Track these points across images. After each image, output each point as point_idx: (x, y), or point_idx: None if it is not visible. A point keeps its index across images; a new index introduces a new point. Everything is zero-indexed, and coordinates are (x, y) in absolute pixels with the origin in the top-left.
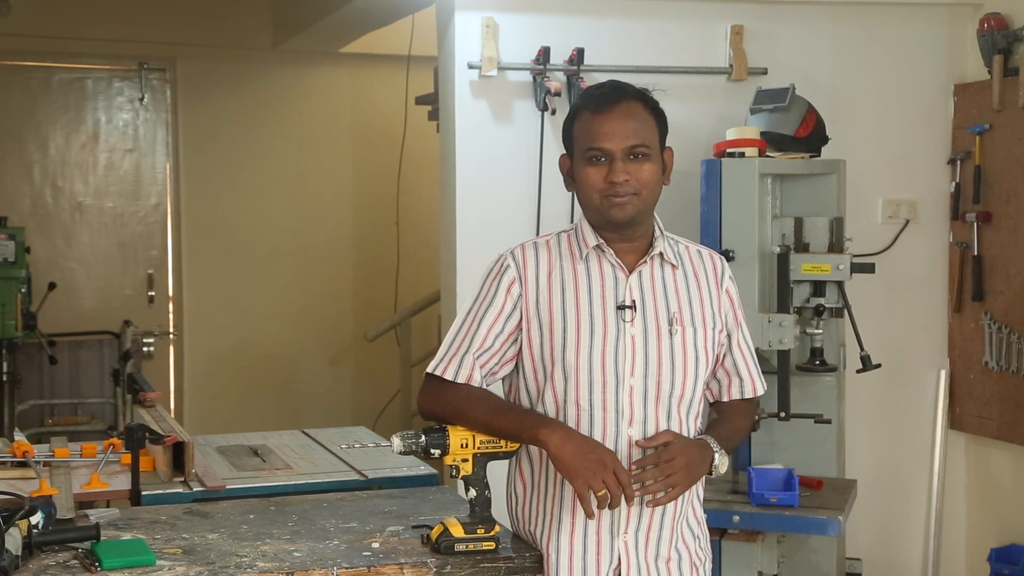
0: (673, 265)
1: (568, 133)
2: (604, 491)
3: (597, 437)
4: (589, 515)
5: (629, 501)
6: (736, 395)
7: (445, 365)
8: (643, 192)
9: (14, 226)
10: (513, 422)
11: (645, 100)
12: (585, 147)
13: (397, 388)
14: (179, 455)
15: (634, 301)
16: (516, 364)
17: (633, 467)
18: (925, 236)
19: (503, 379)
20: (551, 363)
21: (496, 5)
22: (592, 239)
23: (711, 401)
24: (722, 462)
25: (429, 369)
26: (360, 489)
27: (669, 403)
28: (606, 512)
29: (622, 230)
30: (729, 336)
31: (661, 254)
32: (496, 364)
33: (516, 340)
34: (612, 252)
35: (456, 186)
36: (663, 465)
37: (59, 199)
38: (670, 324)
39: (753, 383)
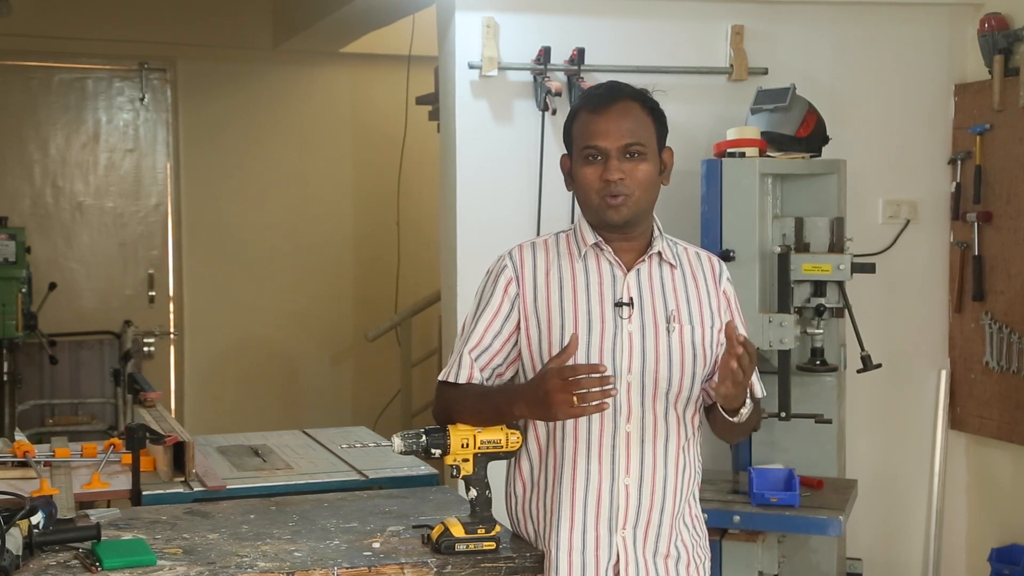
0: (671, 265)
1: (568, 133)
2: (576, 397)
3: (595, 433)
4: (601, 409)
5: (597, 378)
6: None
7: (449, 370)
8: (637, 192)
9: (14, 226)
10: (492, 406)
11: (643, 100)
12: (582, 146)
13: (397, 388)
14: (180, 455)
15: (632, 298)
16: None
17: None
18: (925, 236)
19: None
20: (549, 359)
21: (496, 5)
22: (591, 237)
23: (707, 404)
24: (748, 408)
25: (440, 377)
26: (360, 489)
27: (666, 400)
28: (605, 507)
29: (618, 230)
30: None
31: (660, 253)
32: (500, 365)
33: (517, 341)
34: (610, 250)
35: (456, 186)
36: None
37: (59, 199)
38: (668, 322)
39: (751, 386)
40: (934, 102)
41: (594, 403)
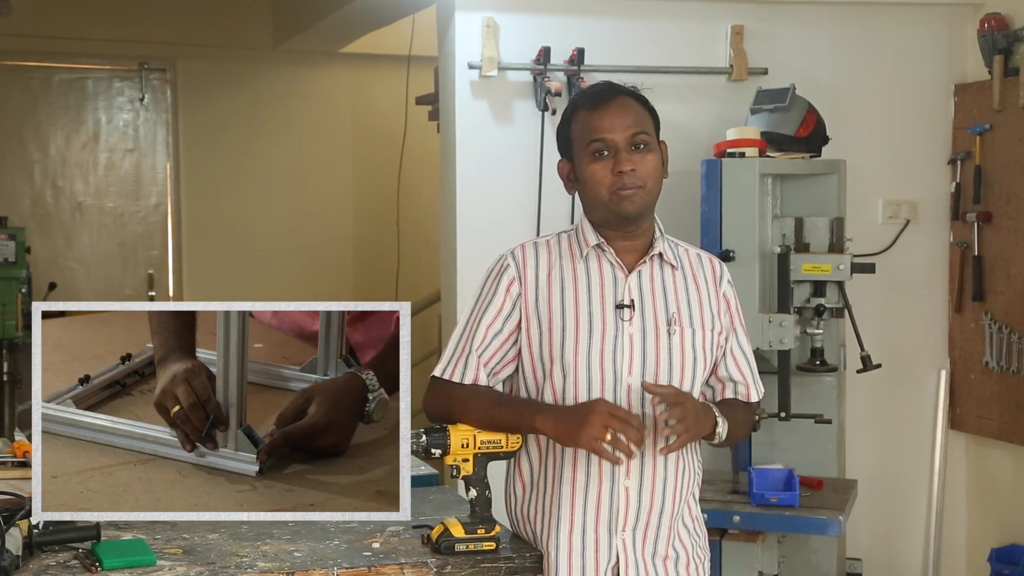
0: (672, 266)
1: (565, 135)
2: (610, 434)
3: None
4: (616, 461)
5: (640, 430)
6: (730, 397)
7: (452, 368)
8: (648, 183)
9: (14, 226)
10: (511, 413)
11: (637, 97)
12: (587, 142)
13: None
14: None
15: (633, 300)
16: (516, 365)
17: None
18: (925, 236)
19: (503, 381)
20: (550, 361)
21: (496, 5)
22: (593, 238)
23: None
24: (723, 428)
25: (435, 373)
26: None
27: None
28: (605, 509)
29: (628, 225)
30: (725, 340)
31: (661, 255)
32: (498, 364)
33: (516, 341)
34: (612, 251)
35: (456, 186)
36: (676, 408)
37: (59, 199)
38: (668, 324)
39: (748, 388)
40: (934, 102)
41: (617, 451)
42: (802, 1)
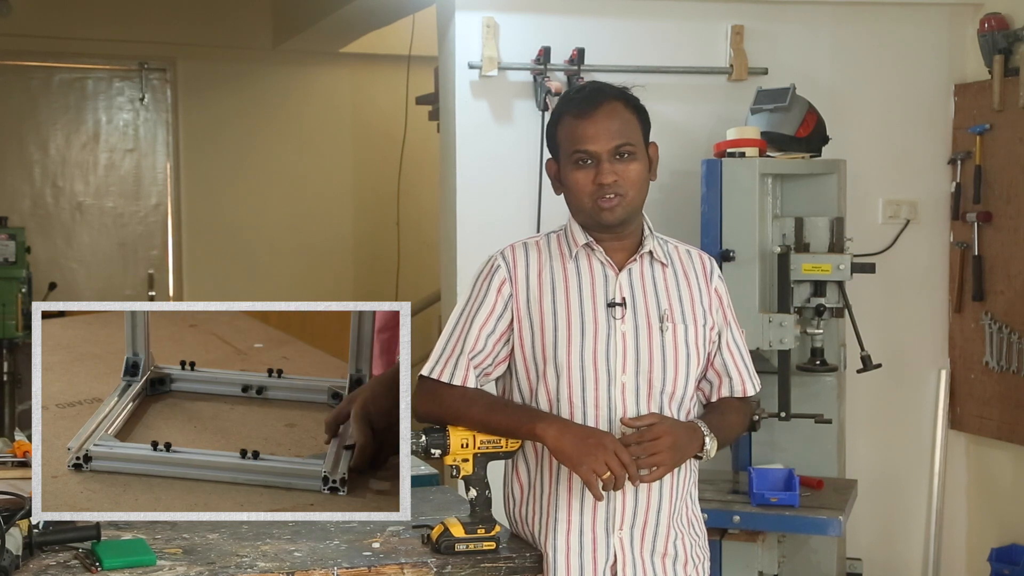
0: (663, 263)
1: (552, 138)
2: (608, 473)
3: None
4: (598, 498)
5: (633, 480)
6: (726, 395)
7: (441, 368)
8: (630, 192)
9: (14, 226)
10: (509, 418)
11: (626, 99)
12: (571, 151)
13: None
14: None
15: (624, 298)
16: (509, 365)
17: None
18: (925, 236)
19: (496, 380)
20: (543, 361)
21: (496, 5)
22: (581, 238)
23: (703, 403)
24: (712, 446)
25: (424, 372)
26: None
27: (661, 400)
28: (602, 509)
29: (612, 230)
30: (719, 335)
31: (651, 252)
32: (489, 365)
33: (508, 341)
34: (602, 250)
35: (456, 186)
36: (647, 444)
37: (59, 199)
38: (661, 321)
39: (743, 383)
40: (934, 102)
41: (608, 481)
42: (802, 1)
